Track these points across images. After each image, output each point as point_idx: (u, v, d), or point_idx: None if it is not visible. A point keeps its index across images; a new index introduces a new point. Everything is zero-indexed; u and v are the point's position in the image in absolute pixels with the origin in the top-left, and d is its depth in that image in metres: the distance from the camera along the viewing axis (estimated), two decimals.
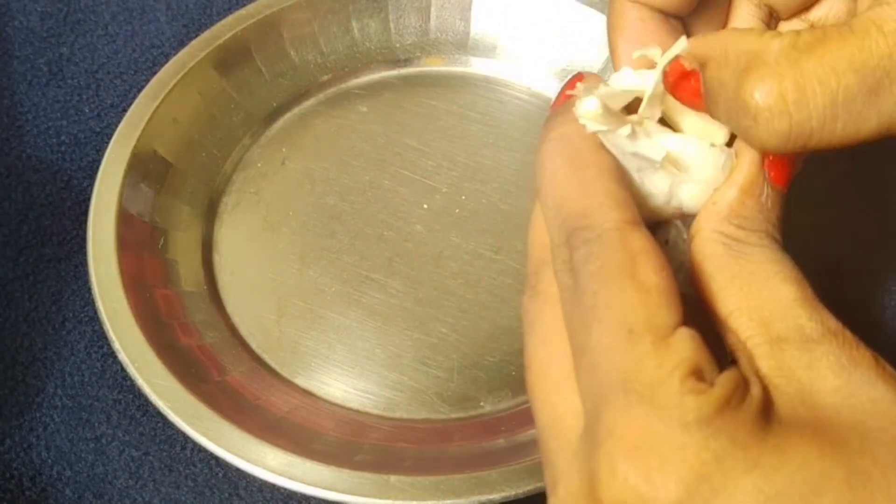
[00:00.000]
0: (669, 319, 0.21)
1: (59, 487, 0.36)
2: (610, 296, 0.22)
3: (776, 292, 0.22)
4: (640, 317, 0.21)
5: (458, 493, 0.32)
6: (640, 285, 0.22)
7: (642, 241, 0.22)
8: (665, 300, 0.22)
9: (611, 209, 0.23)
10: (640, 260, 0.22)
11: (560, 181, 0.24)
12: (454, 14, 0.48)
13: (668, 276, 0.22)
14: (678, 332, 0.21)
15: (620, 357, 0.21)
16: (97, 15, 0.50)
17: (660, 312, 0.21)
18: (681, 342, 0.21)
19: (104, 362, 0.39)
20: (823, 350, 0.21)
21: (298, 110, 0.47)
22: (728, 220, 0.24)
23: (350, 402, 0.38)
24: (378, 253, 0.42)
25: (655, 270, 0.22)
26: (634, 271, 0.22)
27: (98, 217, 0.39)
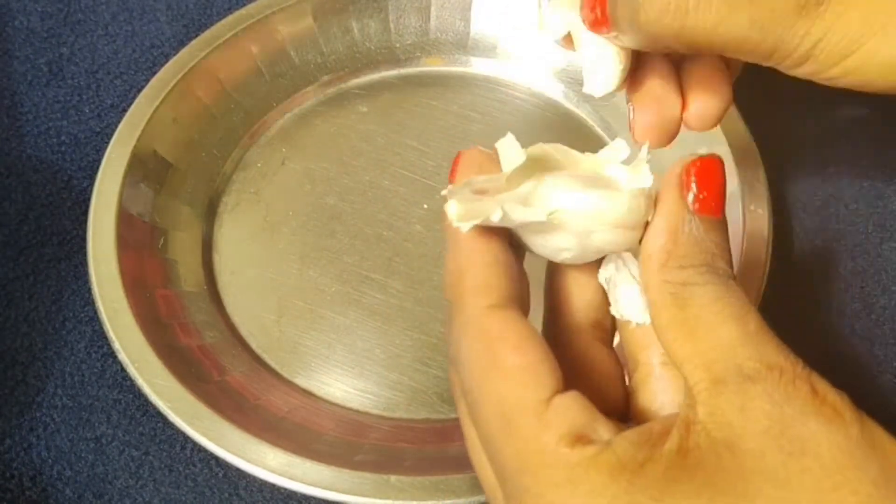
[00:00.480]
0: (539, 395, 0.22)
1: (59, 487, 0.36)
2: (481, 386, 0.23)
3: (716, 334, 0.22)
4: (509, 402, 0.22)
5: (458, 493, 0.32)
6: (502, 372, 0.22)
7: (500, 325, 0.23)
8: (529, 378, 0.22)
9: (472, 296, 0.24)
10: (497, 346, 0.23)
11: (446, 265, 0.25)
12: (454, 14, 0.48)
13: (532, 351, 0.22)
14: (552, 404, 0.22)
15: (508, 443, 0.22)
16: (97, 15, 0.50)
17: (527, 393, 0.22)
18: (557, 415, 0.22)
19: (104, 362, 0.39)
20: (758, 390, 0.21)
21: (298, 110, 0.47)
22: (667, 266, 0.23)
23: (350, 402, 0.38)
24: (378, 253, 0.42)
25: (514, 351, 0.22)
26: (494, 358, 0.22)
27: (98, 217, 0.39)
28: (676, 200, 0.24)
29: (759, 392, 0.21)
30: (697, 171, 0.24)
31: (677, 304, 0.23)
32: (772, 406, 0.21)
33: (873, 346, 0.40)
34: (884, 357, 0.40)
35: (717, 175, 0.24)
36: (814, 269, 0.42)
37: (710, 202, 0.24)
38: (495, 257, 0.24)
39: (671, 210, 0.24)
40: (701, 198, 0.24)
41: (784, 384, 0.21)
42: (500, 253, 0.24)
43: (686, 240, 0.24)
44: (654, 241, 0.24)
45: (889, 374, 0.39)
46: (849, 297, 0.41)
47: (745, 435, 0.21)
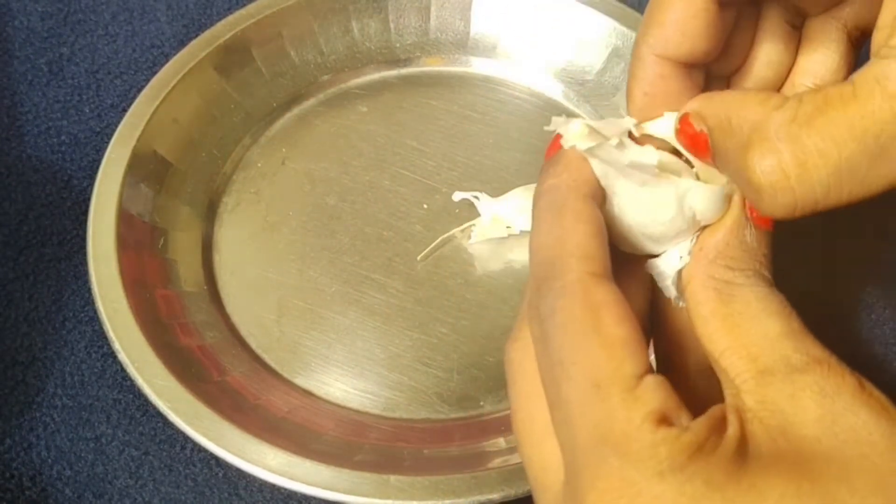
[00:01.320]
0: (635, 370, 0.22)
1: (59, 487, 0.36)
2: (575, 350, 0.22)
3: (762, 328, 0.23)
4: (605, 371, 0.22)
5: (458, 493, 0.32)
6: (604, 339, 0.22)
7: (605, 293, 0.23)
8: (629, 352, 0.22)
9: (577, 260, 0.23)
10: (602, 313, 0.22)
11: (539, 231, 0.25)
12: (454, 14, 0.48)
13: (631, 327, 0.22)
14: (644, 381, 0.22)
15: (591, 412, 0.22)
16: (97, 15, 0.50)
17: (624, 364, 0.22)
18: (647, 392, 0.22)
19: (104, 362, 0.39)
20: (807, 380, 0.22)
21: (298, 110, 0.47)
22: (716, 262, 0.24)
23: (350, 402, 0.38)
24: (378, 253, 0.42)
25: (618, 322, 0.22)
26: (597, 324, 0.22)
27: (98, 217, 0.39)
28: (740, 206, 0.25)
29: (808, 382, 0.22)
30: None
31: (721, 298, 0.24)
32: (822, 396, 0.21)
33: (873, 346, 0.40)
34: (884, 357, 0.40)
35: None
36: (814, 269, 0.42)
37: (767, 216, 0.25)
38: (599, 229, 0.24)
39: (733, 213, 0.25)
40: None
41: (833, 376, 0.22)
42: (603, 227, 0.24)
43: (738, 243, 0.25)
44: (709, 236, 0.25)
45: (889, 374, 0.39)
46: (849, 298, 0.41)
47: (798, 422, 0.21)
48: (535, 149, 0.45)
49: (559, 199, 0.25)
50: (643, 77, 0.26)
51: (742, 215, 0.25)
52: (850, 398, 0.21)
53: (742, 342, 0.23)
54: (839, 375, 0.22)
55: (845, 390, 0.21)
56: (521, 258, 0.41)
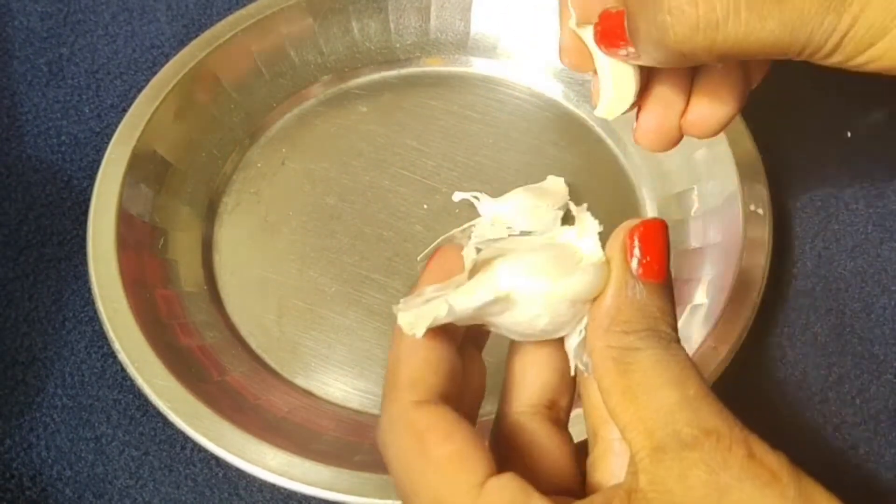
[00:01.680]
0: (472, 478, 0.22)
1: (59, 487, 0.36)
2: (413, 479, 0.23)
3: (658, 400, 0.23)
4: (443, 490, 0.22)
5: None
6: (432, 461, 0.23)
7: (427, 417, 0.23)
8: (460, 464, 0.22)
9: (401, 390, 0.24)
10: (426, 437, 0.23)
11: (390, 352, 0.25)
12: (454, 14, 0.48)
13: (461, 439, 0.23)
14: (487, 486, 0.22)
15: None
16: (97, 15, 0.50)
17: (459, 477, 0.22)
18: (491, 496, 0.22)
19: (104, 362, 0.39)
20: (694, 458, 0.21)
21: (298, 110, 0.47)
22: (610, 330, 0.24)
23: (350, 402, 0.38)
24: (378, 253, 0.42)
25: (443, 440, 0.23)
26: (424, 449, 0.23)
27: (98, 217, 0.39)
28: (620, 265, 0.24)
29: (696, 459, 0.21)
30: (641, 236, 0.24)
31: (619, 369, 0.23)
32: (709, 474, 0.21)
33: (873, 347, 0.40)
34: (884, 357, 0.40)
35: (660, 239, 0.24)
36: (814, 269, 0.42)
37: (653, 266, 0.24)
38: (429, 354, 0.24)
39: (615, 275, 0.24)
40: (644, 262, 0.24)
41: (721, 450, 0.21)
42: (436, 350, 0.24)
43: (629, 305, 0.24)
44: (598, 307, 0.24)
45: (889, 374, 0.39)
46: (849, 297, 0.41)
47: (685, 503, 0.21)
48: (535, 149, 0.45)
49: (397, 331, 0.25)
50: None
51: (625, 275, 0.24)
52: (738, 471, 0.21)
53: (640, 416, 0.23)
54: (726, 449, 0.21)
55: (733, 463, 0.21)
56: None
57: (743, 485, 0.21)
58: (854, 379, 0.39)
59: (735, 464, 0.21)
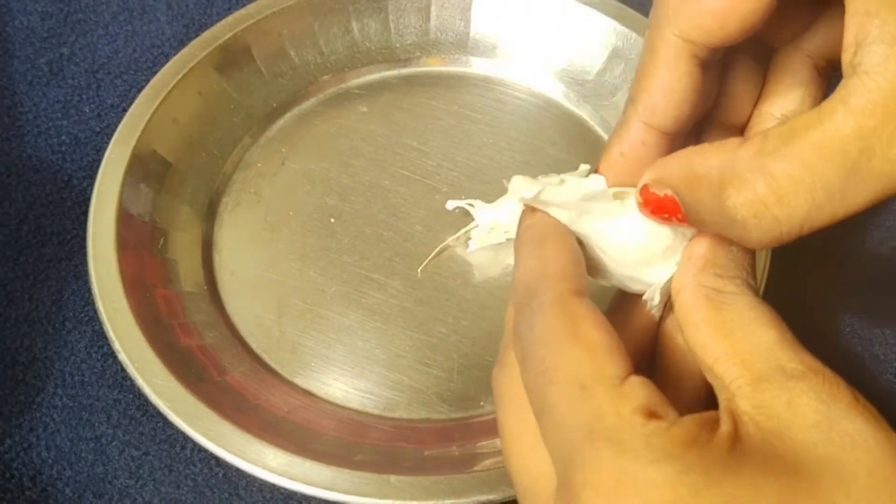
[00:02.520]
0: (617, 370, 0.22)
1: (59, 487, 0.36)
2: (557, 357, 0.23)
3: (757, 337, 0.23)
4: (588, 372, 0.22)
5: (458, 493, 0.32)
6: (584, 343, 0.23)
7: (583, 307, 0.24)
8: (610, 355, 0.23)
9: (555, 281, 0.24)
10: (580, 321, 0.23)
11: (521, 262, 0.26)
12: (454, 14, 0.48)
13: (611, 334, 0.23)
14: (629, 380, 0.22)
15: (579, 411, 0.22)
16: (97, 15, 0.50)
17: (606, 366, 0.22)
18: (633, 390, 0.22)
19: (104, 362, 0.39)
20: (803, 387, 0.22)
21: (298, 110, 0.47)
22: (704, 271, 0.25)
23: (350, 402, 0.38)
24: (378, 253, 0.42)
25: (596, 328, 0.23)
26: (577, 331, 0.23)
27: (98, 217, 0.39)
28: None
29: (804, 389, 0.22)
30: None
31: (713, 305, 0.24)
32: (818, 403, 0.21)
33: (873, 346, 0.40)
34: (884, 357, 0.40)
35: None
36: (814, 269, 0.42)
37: None
38: (577, 257, 0.26)
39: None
40: None
41: (828, 385, 0.22)
42: (580, 256, 0.26)
43: (725, 253, 0.25)
44: (696, 248, 0.25)
45: (889, 374, 0.39)
46: (849, 297, 0.41)
47: (795, 427, 0.21)
48: (535, 149, 0.45)
49: (537, 235, 0.26)
50: (626, 138, 0.27)
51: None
52: (846, 407, 0.22)
53: (736, 349, 0.23)
54: (835, 385, 0.22)
55: (841, 399, 0.22)
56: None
57: (854, 418, 0.21)
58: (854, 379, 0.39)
59: (843, 400, 0.22)
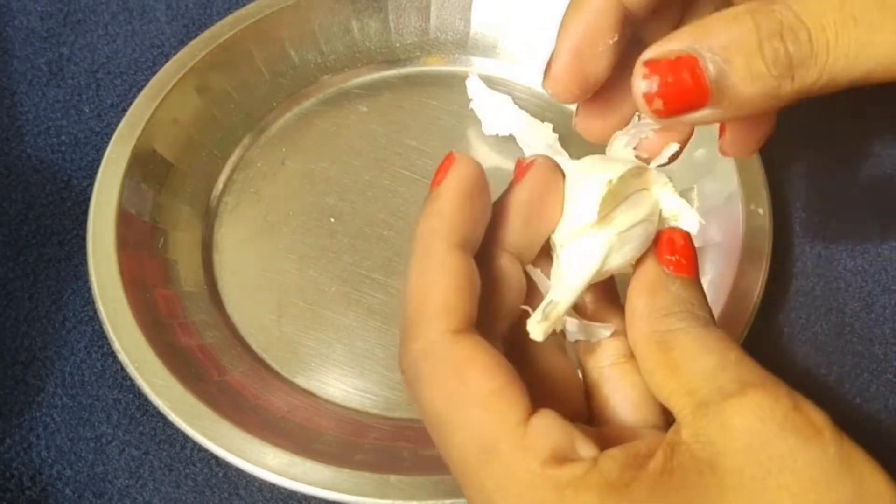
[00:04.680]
0: (515, 417, 0.22)
1: (59, 487, 0.36)
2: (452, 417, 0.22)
3: (699, 365, 0.23)
4: (486, 430, 0.22)
5: (458, 493, 0.32)
6: (476, 397, 0.22)
7: (466, 350, 0.23)
8: (504, 402, 0.22)
9: (436, 318, 0.23)
10: (465, 372, 0.22)
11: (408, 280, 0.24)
12: (454, 14, 0.48)
13: (500, 373, 0.22)
14: (530, 425, 0.22)
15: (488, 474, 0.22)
16: (97, 15, 0.50)
17: (503, 417, 0.22)
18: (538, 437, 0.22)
19: (104, 362, 0.39)
20: (738, 407, 0.22)
21: (298, 110, 0.47)
22: (651, 316, 0.25)
23: (350, 402, 0.38)
24: (378, 253, 0.42)
25: (484, 377, 0.22)
26: (464, 386, 0.22)
27: (98, 217, 0.39)
28: (654, 264, 0.26)
29: (740, 408, 0.22)
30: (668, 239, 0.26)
31: (662, 348, 0.24)
32: (751, 421, 0.21)
33: (873, 346, 0.40)
34: (884, 357, 0.40)
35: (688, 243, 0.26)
36: (814, 269, 0.42)
37: (684, 264, 0.26)
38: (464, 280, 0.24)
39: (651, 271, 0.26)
40: (674, 261, 0.26)
41: (766, 398, 0.22)
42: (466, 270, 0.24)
43: (665, 294, 0.25)
44: (636, 299, 0.25)
45: (889, 374, 0.39)
46: (849, 297, 0.41)
47: (726, 452, 0.21)
48: None
49: (426, 247, 0.24)
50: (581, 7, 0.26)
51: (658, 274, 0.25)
52: (782, 421, 0.21)
53: (682, 382, 0.23)
54: (773, 397, 0.22)
55: (778, 412, 0.21)
56: None
57: (786, 435, 0.21)
58: (854, 379, 0.39)
59: (780, 412, 0.21)
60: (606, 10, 0.26)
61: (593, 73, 0.27)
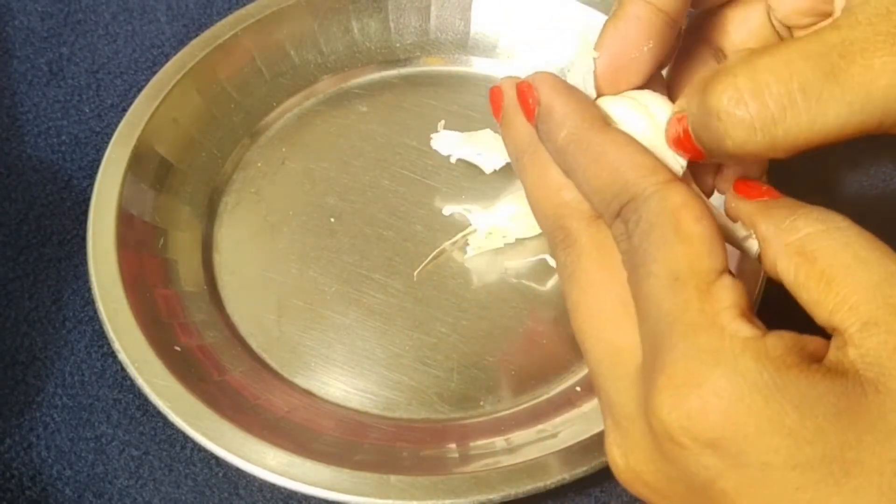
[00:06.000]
0: (713, 265, 0.23)
1: (59, 487, 0.36)
2: (657, 250, 0.23)
3: (857, 277, 0.23)
4: (683, 265, 0.23)
5: (458, 493, 0.32)
6: (683, 236, 0.23)
7: (681, 195, 0.24)
8: (706, 248, 0.23)
9: (645, 177, 0.25)
10: (680, 213, 0.24)
11: (592, 170, 0.26)
12: (454, 14, 0.48)
13: (708, 224, 0.24)
14: (721, 279, 0.23)
15: (669, 303, 0.23)
16: (97, 15, 0.50)
17: (701, 260, 0.23)
18: (722, 290, 0.23)
19: (104, 362, 0.39)
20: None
21: (298, 110, 0.47)
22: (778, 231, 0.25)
23: (350, 402, 0.38)
24: (378, 253, 0.42)
25: (695, 220, 0.23)
26: (677, 224, 0.23)
27: (98, 217, 0.39)
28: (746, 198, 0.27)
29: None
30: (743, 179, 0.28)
31: (807, 259, 0.24)
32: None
33: None
34: None
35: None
36: None
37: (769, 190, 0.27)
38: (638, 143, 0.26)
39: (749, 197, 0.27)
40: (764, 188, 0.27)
41: None
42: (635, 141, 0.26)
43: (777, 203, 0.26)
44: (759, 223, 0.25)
45: None
46: None
47: (894, 375, 0.21)
48: None
49: (586, 139, 0.26)
50: (620, 14, 0.28)
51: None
52: None
53: (841, 295, 0.23)
54: None
55: None
56: (518, 265, 0.41)
57: None
58: None
59: None
60: (642, 16, 0.27)
61: (626, 79, 0.28)
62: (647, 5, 0.27)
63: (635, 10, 0.27)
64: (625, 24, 0.27)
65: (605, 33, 0.28)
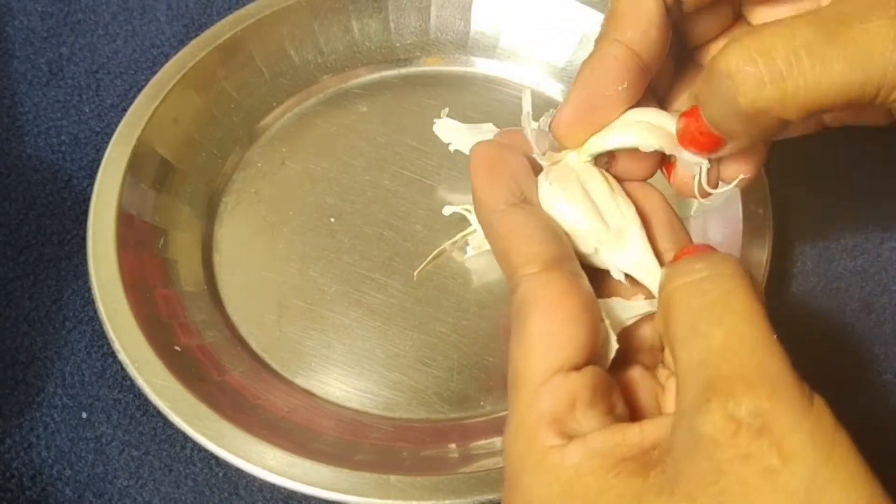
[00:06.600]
0: (549, 365, 0.24)
1: (59, 487, 0.36)
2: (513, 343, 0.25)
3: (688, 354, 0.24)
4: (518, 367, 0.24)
5: (458, 493, 0.33)
6: (522, 339, 0.24)
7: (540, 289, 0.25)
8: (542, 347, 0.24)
9: (522, 265, 0.25)
10: (527, 311, 0.24)
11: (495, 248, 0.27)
12: (454, 14, 0.48)
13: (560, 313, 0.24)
14: (556, 377, 0.23)
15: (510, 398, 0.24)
16: (97, 15, 0.50)
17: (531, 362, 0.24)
18: (549, 389, 0.23)
19: (104, 362, 0.39)
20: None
21: (298, 110, 0.47)
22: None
23: (350, 402, 0.38)
24: (378, 253, 0.42)
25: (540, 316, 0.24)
26: (525, 319, 0.24)
27: (98, 217, 0.39)
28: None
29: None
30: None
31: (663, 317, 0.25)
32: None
33: (873, 346, 0.40)
34: (884, 357, 0.40)
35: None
36: (814, 269, 0.42)
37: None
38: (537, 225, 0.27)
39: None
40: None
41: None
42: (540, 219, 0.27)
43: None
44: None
45: (889, 374, 0.39)
46: (849, 297, 0.41)
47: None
48: None
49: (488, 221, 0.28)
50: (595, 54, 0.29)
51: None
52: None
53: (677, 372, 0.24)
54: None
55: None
56: None
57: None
58: (854, 379, 0.39)
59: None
60: (619, 57, 0.28)
61: (600, 118, 0.29)
62: (623, 47, 0.28)
63: (612, 51, 0.28)
64: (600, 64, 0.28)
65: (581, 71, 0.29)
